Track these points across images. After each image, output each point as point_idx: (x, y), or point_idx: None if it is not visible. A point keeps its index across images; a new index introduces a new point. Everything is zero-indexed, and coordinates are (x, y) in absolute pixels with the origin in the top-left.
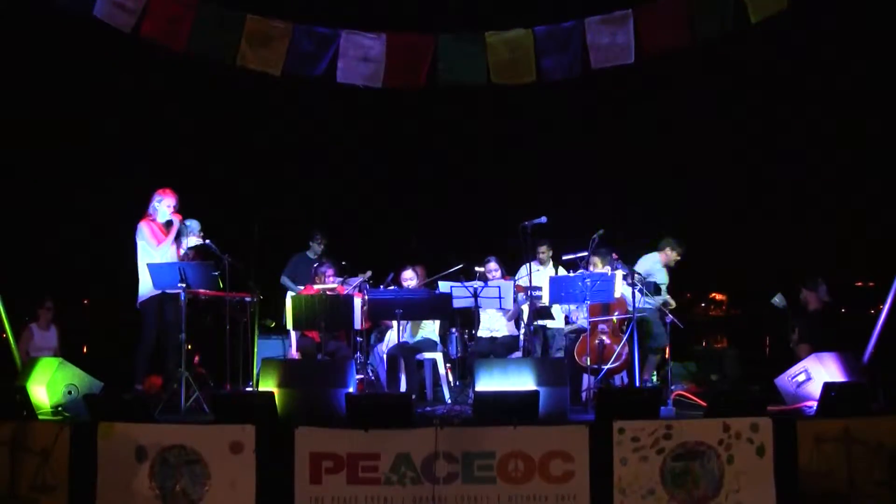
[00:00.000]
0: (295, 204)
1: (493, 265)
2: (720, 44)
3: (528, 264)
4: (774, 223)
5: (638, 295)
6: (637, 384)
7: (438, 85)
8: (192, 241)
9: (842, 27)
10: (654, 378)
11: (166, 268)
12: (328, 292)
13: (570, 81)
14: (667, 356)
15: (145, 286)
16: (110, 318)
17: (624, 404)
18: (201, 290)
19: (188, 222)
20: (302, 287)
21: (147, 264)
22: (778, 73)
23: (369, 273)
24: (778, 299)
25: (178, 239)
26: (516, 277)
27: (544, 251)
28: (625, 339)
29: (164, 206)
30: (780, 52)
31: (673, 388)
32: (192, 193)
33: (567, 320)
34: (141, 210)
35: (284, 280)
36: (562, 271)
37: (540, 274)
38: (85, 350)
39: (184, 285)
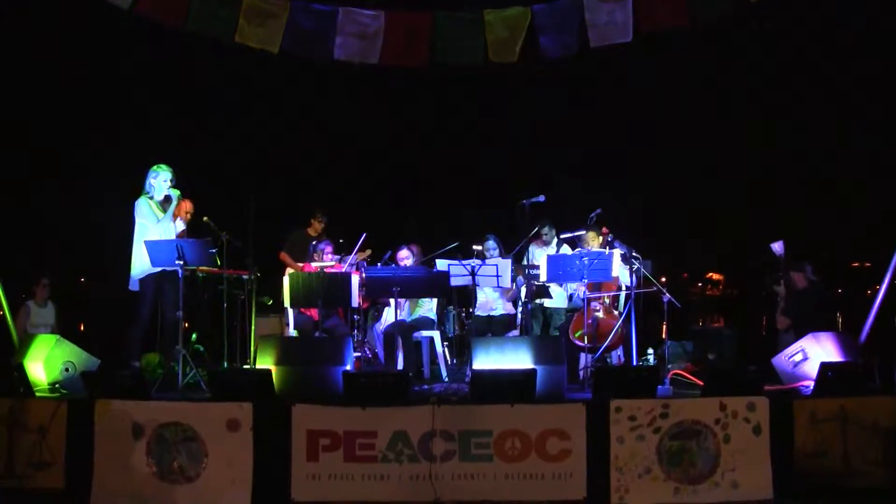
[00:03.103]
0: (292, 182)
1: (491, 243)
2: (719, 22)
3: (529, 248)
4: (774, 202)
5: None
6: (634, 363)
7: (436, 63)
8: (181, 224)
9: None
10: (651, 357)
11: (164, 245)
12: (326, 270)
13: (569, 60)
14: (664, 335)
15: (142, 264)
16: (108, 295)
17: (621, 383)
18: (199, 268)
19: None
20: (300, 264)
21: (144, 241)
22: (779, 50)
23: (368, 251)
24: (778, 246)
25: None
26: (525, 264)
27: (546, 232)
28: (622, 317)
29: (160, 181)
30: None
31: (670, 367)
32: (188, 169)
33: (570, 299)
34: (137, 186)
35: (284, 257)
36: (566, 250)
37: (541, 253)
38: (82, 327)
39: (181, 262)
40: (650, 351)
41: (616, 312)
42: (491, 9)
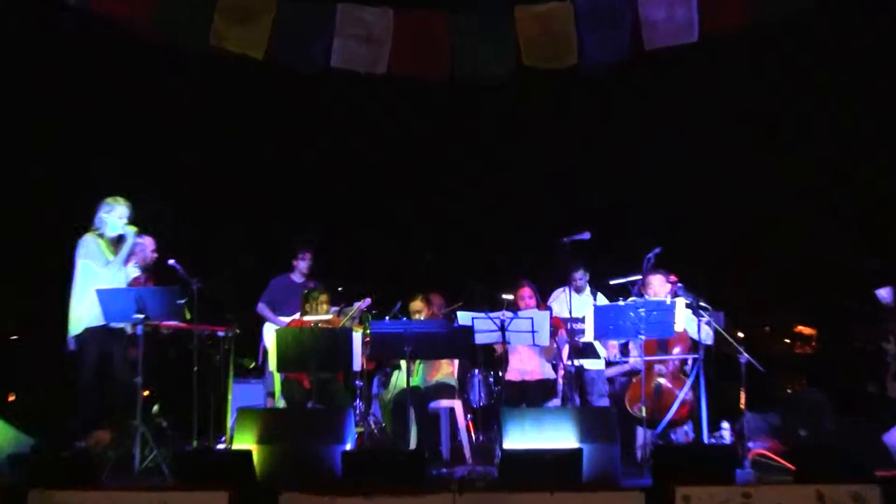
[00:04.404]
0: (282, 215)
1: (526, 291)
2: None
3: (564, 290)
4: (885, 240)
5: (706, 328)
6: (705, 440)
7: (456, 71)
8: (133, 270)
9: None
10: (727, 432)
11: (120, 294)
12: (321, 324)
13: (618, 65)
14: (742, 405)
15: (83, 316)
16: (47, 357)
17: (689, 466)
18: (164, 322)
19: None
20: (286, 318)
21: (96, 290)
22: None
23: (368, 300)
24: (885, 293)
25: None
26: (550, 304)
27: (580, 276)
28: (689, 382)
29: (114, 216)
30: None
31: (751, 445)
32: (154, 201)
33: (607, 361)
34: (85, 223)
35: (262, 308)
36: (601, 300)
37: (580, 303)
38: (11, 398)
39: (142, 316)
40: (725, 425)
41: (683, 377)
42: (522, 5)
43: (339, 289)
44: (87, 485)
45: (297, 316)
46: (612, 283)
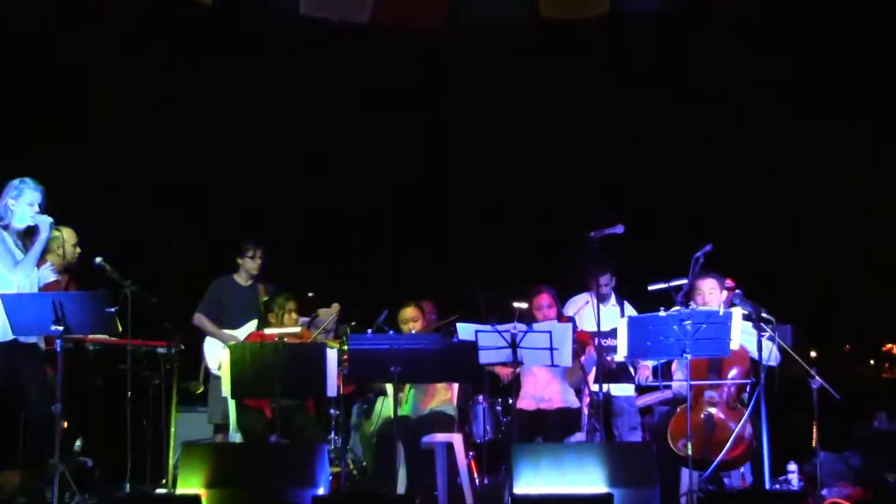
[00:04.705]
0: (235, 202)
1: (544, 299)
2: None
3: (587, 297)
4: None
5: (769, 346)
6: (767, 485)
7: (457, 23)
8: (46, 272)
9: None
10: (794, 476)
11: (32, 301)
12: (287, 339)
13: (657, 14)
14: (814, 443)
15: None
16: None
17: None
18: (89, 336)
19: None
20: (232, 331)
21: (0, 296)
22: None
23: (336, 306)
24: None
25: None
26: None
27: (606, 282)
28: (747, 413)
29: (22, 203)
30: None
31: (825, 492)
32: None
33: (638, 385)
34: None
35: (199, 320)
36: (629, 310)
37: (605, 314)
38: None
39: (61, 328)
40: (792, 467)
41: (740, 407)
42: None
43: (310, 294)
44: None
45: (249, 328)
46: (650, 288)
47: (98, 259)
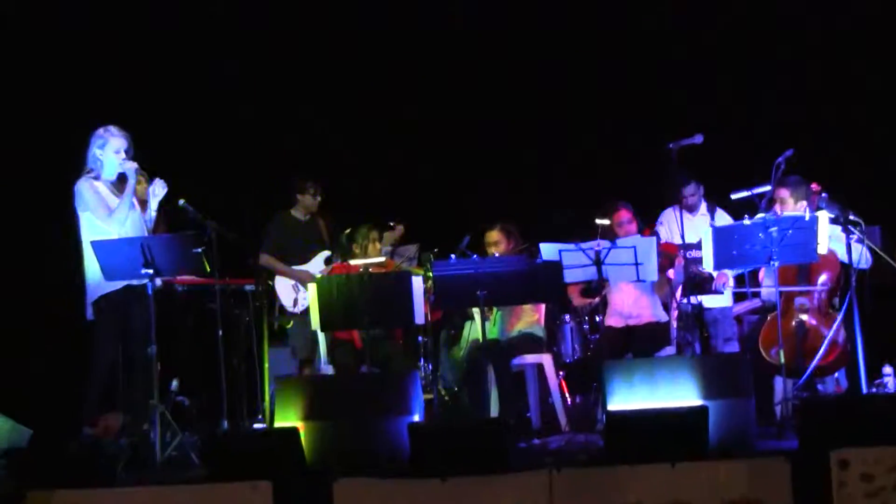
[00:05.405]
0: (311, 137)
1: (623, 214)
2: None
3: (674, 210)
4: None
5: (859, 248)
6: (864, 389)
7: None
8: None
9: None
10: (892, 379)
11: (120, 246)
12: (372, 269)
13: None
14: None
15: (95, 279)
16: (49, 330)
17: (844, 423)
18: (178, 278)
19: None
20: (301, 267)
21: (91, 242)
22: None
23: (400, 228)
24: None
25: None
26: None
27: (692, 192)
28: (839, 318)
29: (108, 152)
30: None
31: None
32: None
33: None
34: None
35: (266, 259)
36: (723, 218)
37: (694, 225)
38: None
39: (150, 271)
40: (888, 370)
41: (833, 312)
42: None
43: (392, 224)
44: (99, 481)
45: (319, 261)
46: (733, 196)
47: (181, 201)
